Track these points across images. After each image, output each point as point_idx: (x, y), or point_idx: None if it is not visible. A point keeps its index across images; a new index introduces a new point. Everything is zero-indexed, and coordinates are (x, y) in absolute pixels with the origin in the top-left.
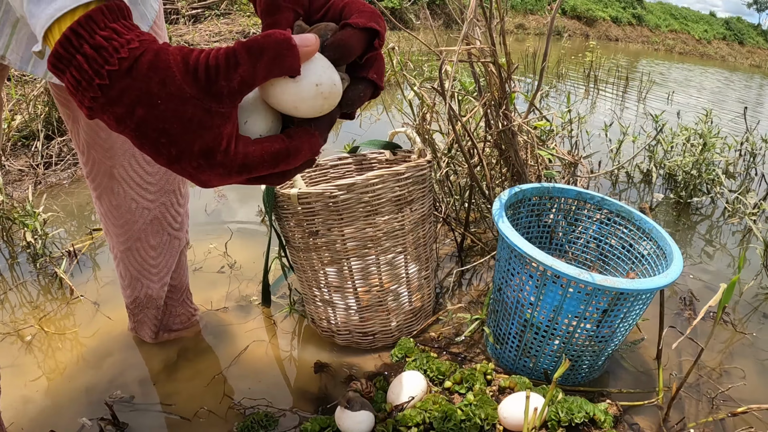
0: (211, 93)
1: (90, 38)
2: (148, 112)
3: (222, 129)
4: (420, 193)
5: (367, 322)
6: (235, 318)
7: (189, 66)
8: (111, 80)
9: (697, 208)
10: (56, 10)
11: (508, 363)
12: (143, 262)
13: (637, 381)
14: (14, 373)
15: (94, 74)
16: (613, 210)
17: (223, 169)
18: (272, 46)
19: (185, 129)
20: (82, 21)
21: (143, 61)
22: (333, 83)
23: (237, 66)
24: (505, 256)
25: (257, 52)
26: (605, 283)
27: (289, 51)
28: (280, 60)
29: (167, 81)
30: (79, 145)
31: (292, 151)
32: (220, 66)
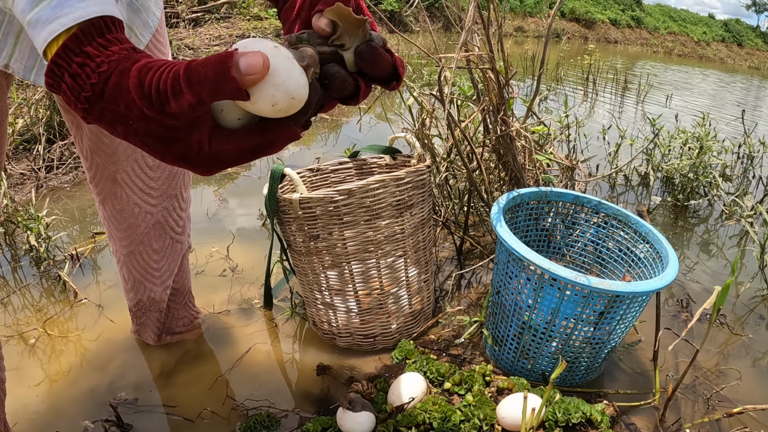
0: (166, 113)
1: (68, 67)
2: (126, 128)
3: (189, 138)
4: (420, 198)
5: (368, 324)
6: (236, 321)
7: (144, 90)
8: (89, 104)
9: (694, 211)
10: (48, 34)
11: (506, 364)
12: (146, 266)
13: (634, 382)
14: (18, 376)
15: (76, 100)
16: (610, 213)
17: (203, 167)
18: (211, 78)
19: (158, 141)
20: (60, 51)
21: (110, 84)
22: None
23: (181, 94)
24: (504, 259)
25: (197, 84)
26: (601, 285)
27: (228, 83)
28: (220, 91)
29: (130, 104)
30: (83, 150)
31: (267, 144)
32: (168, 92)
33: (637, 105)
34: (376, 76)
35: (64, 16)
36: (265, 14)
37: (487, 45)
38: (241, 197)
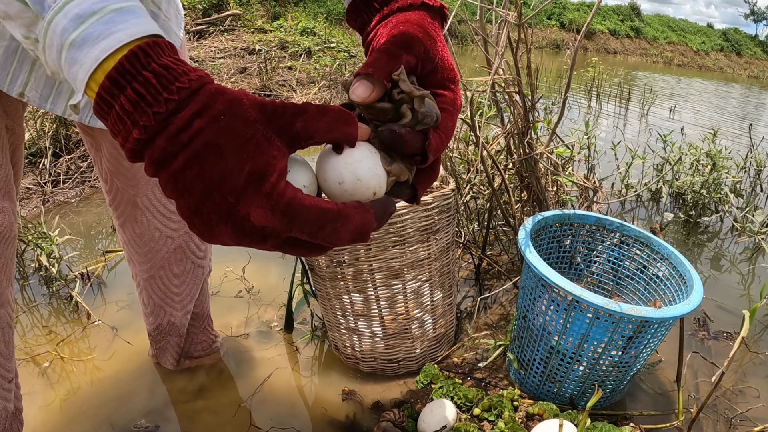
0: (276, 124)
1: (147, 66)
2: (208, 125)
3: (276, 161)
4: (446, 222)
5: (393, 349)
6: (256, 344)
7: (257, 100)
8: (166, 107)
9: (705, 227)
10: (101, 51)
11: (532, 388)
12: (166, 290)
13: (656, 402)
14: (32, 401)
15: (153, 100)
16: (631, 235)
17: (268, 202)
18: (336, 111)
19: (241, 147)
20: (131, 55)
21: (207, 88)
22: (356, 179)
23: (303, 112)
24: (531, 284)
25: (322, 110)
26: (632, 312)
27: (350, 120)
28: (340, 124)
29: (233, 103)
30: (102, 173)
31: (342, 215)
32: (288, 107)
33: (641, 117)
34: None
35: (120, 31)
36: (269, 27)
37: (514, 67)
38: None
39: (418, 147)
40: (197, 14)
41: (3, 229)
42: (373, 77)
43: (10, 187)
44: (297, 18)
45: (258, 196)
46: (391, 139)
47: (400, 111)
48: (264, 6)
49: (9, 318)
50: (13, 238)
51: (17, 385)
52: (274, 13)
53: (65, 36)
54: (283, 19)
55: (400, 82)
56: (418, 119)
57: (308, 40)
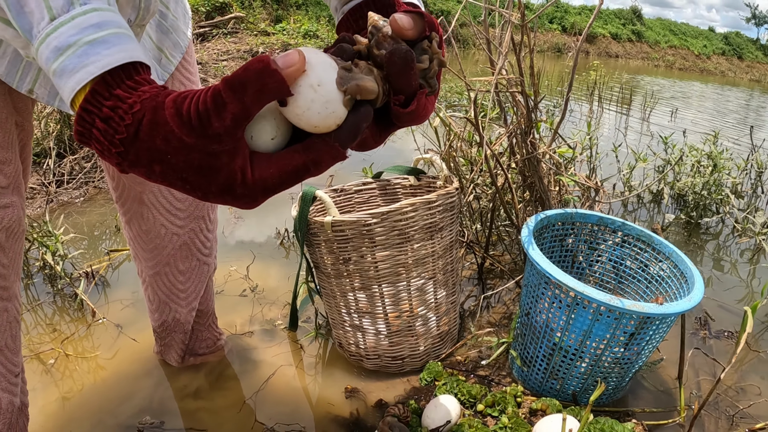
0: (209, 136)
1: (99, 112)
2: (164, 166)
3: (232, 165)
4: (449, 220)
5: (397, 346)
6: (260, 342)
7: (182, 117)
8: (125, 147)
9: (706, 228)
10: (76, 83)
11: (534, 385)
12: (172, 287)
13: (658, 400)
14: (37, 398)
15: (110, 144)
16: (633, 234)
17: (247, 198)
18: (253, 78)
19: (199, 174)
20: (89, 96)
21: (145, 122)
22: (326, 101)
23: (225, 105)
24: (534, 282)
25: (240, 88)
26: (634, 308)
27: (270, 78)
28: (263, 90)
29: (168, 136)
30: (109, 169)
31: (311, 164)
32: (209, 109)
33: (642, 121)
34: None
35: (91, 64)
36: (272, 30)
37: (517, 68)
38: (257, 215)
39: (411, 86)
40: (200, 17)
41: (12, 224)
42: (421, 16)
43: (19, 182)
44: (299, 21)
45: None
46: (403, 58)
47: (420, 58)
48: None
49: (16, 312)
50: (21, 232)
51: (23, 380)
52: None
53: (48, 65)
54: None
55: (434, 39)
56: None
57: (311, 43)
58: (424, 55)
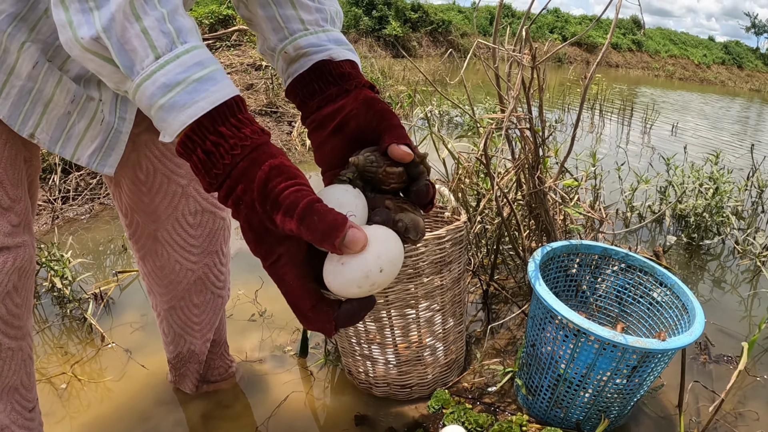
0: (270, 218)
1: (202, 143)
2: (234, 206)
3: (274, 247)
4: (458, 254)
5: (405, 375)
6: (270, 369)
7: (266, 190)
8: (216, 180)
9: (708, 249)
10: (188, 117)
11: (539, 413)
12: (187, 320)
13: (658, 426)
14: (49, 423)
15: (206, 174)
16: (636, 265)
17: (274, 275)
18: (319, 232)
19: (251, 231)
20: (195, 127)
21: (239, 167)
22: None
23: (290, 219)
24: (540, 314)
25: (307, 226)
26: (637, 344)
27: (328, 244)
28: (318, 243)
29: (247, 190)
30: (122, 207)
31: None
32: (281, 208)
33: (643, 135)
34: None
35: (202, 100)
36: None
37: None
38: None
39: (430, 199)
40: (204, 29)
41: (24, 263)
42: (412, 147)
43: (29, 219)
44: None
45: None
46: (427, 191)
47: (419, 170)
48: None
49: (30, 350)
50: (32, 271)
51: (38, 412)
52: None
53: (154, 100)
54: None
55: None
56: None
57: None
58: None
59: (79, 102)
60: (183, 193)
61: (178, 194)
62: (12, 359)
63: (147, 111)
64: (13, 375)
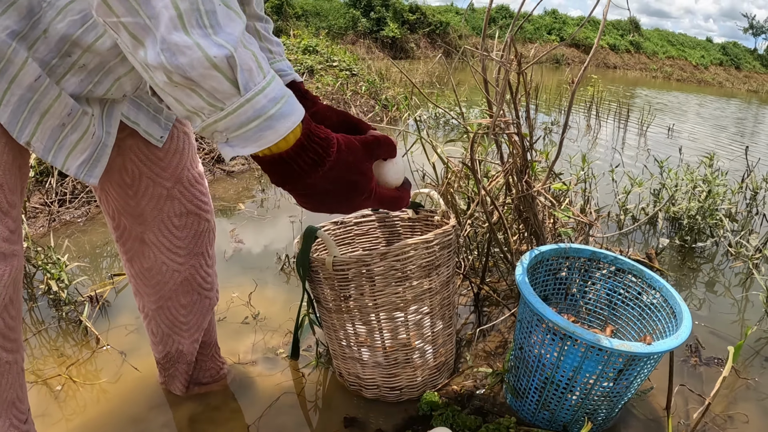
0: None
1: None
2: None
3: (370, 183)
4: (447, 258)
5: (395, 377)
6: (262, 370)
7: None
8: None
9: (701, 251)
10: (292, 123)
11: (527, 415)
12: (174, 320)
13: (647, 428)
14: (45, 423)
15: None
16: (625, 268)
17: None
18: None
19: (353, 188)
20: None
21: (341, 149)
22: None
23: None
24: (528, 318)
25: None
26: (622, 348)
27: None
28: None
29: (354, 150)
30: (109, 211)
31: (400, 197)
32: (373, 143)
33: (639, 137)
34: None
35: (299, 109)
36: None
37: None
38: (257, 237)
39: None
40: None
41: (18, 274)
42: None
43: (20, 226)
44: (300, 36)
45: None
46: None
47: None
48: None
49: (23, 362)
50: (21, 279)
51: (32, 422)
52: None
53: (265, 111)
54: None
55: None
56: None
57: (311, 59)
58: None
59: (75, 116)
60: (168, 195)
61: (163, 197)
62: (9, 372)
63: (245, 124)
64: (10, 389)
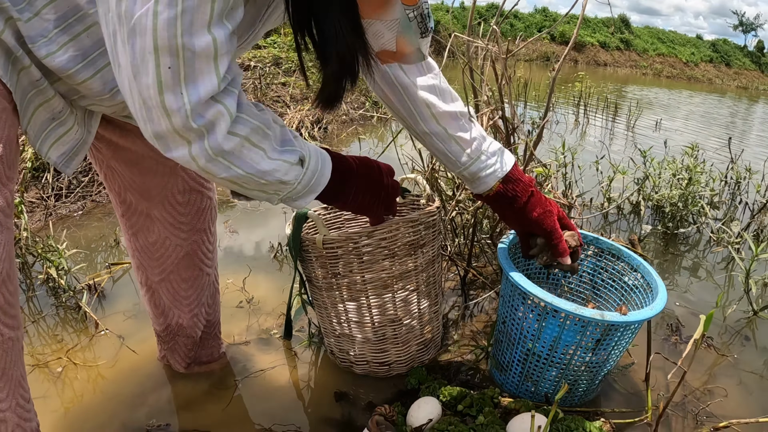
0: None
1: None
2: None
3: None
4: (431, 237)
5: (384, 353)
6: (257, 350)
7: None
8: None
9: (684, 237)
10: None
11: (511, 388)
12: (175, 294)
13: (629, 401)
14: (47, 405)
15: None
16: (604, 248)
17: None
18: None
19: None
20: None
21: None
22: None
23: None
24: (509, 293)
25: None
26: (597, 317)
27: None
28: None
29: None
30: (115, 187)
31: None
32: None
33: (628, 131)
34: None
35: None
36: (263, 42)
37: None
38: (250, 228)
39: None
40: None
41: (9, 246)
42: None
43: (13, 201)
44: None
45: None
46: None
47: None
48: None
49: (23, 339)
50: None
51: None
52: None
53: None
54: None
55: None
56: None
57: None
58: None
59: (65, 113)
60: (171, 173)
61: (167, 174)
62: (12, 350)
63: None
64: (14, 367)
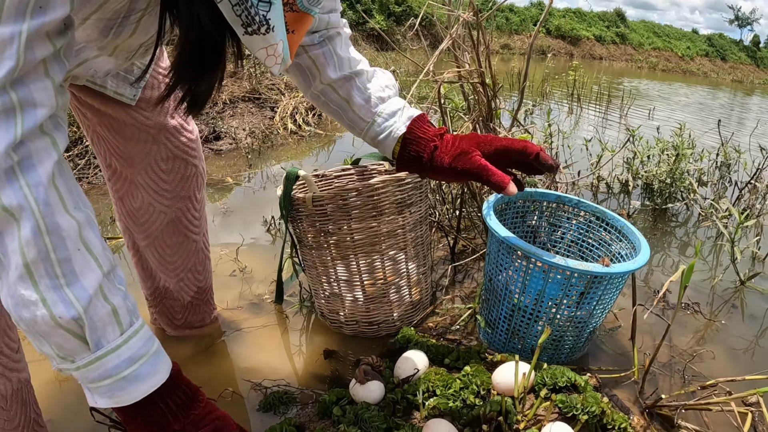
0: None
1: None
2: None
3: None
4: (418, 198)
5: (372, 312)
6: (249, 314)
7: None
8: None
9: (673, 215)
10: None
11: (499, 345)
12: (161, 258)
13: (616, 362)
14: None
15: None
16: (588, 211)
17: None
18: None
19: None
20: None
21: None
22: None
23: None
24: (495, 249)
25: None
26: (580, 267)
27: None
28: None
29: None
30: (101, 151)
31: None
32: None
33: (621, 120)
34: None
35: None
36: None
37: (476, 62)
38: (244, 208)
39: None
40: None
41: None
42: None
43: None
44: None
45: None
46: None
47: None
48: None
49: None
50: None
51: (23, 353)
52: None
53: (117, 371)
54: None
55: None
56: None
57: None
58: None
59: None
60: (154, 140)
61: (149, 141)
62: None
63: (97, 380)
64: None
